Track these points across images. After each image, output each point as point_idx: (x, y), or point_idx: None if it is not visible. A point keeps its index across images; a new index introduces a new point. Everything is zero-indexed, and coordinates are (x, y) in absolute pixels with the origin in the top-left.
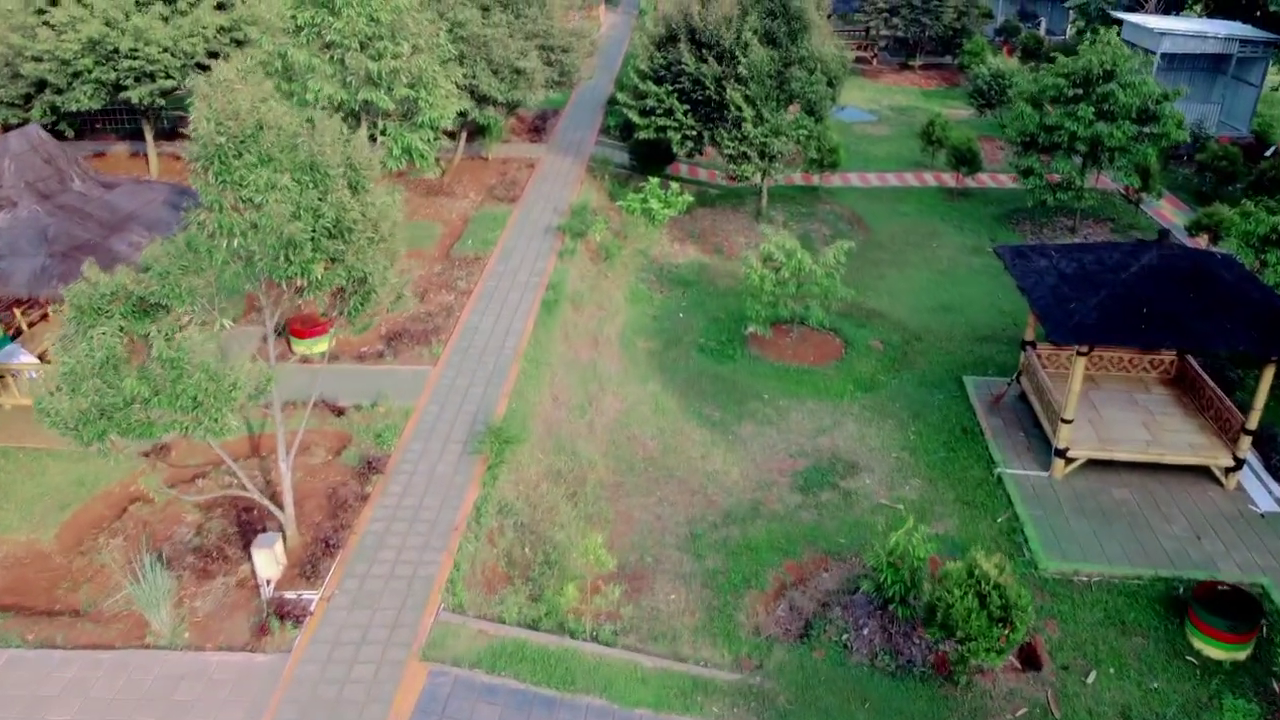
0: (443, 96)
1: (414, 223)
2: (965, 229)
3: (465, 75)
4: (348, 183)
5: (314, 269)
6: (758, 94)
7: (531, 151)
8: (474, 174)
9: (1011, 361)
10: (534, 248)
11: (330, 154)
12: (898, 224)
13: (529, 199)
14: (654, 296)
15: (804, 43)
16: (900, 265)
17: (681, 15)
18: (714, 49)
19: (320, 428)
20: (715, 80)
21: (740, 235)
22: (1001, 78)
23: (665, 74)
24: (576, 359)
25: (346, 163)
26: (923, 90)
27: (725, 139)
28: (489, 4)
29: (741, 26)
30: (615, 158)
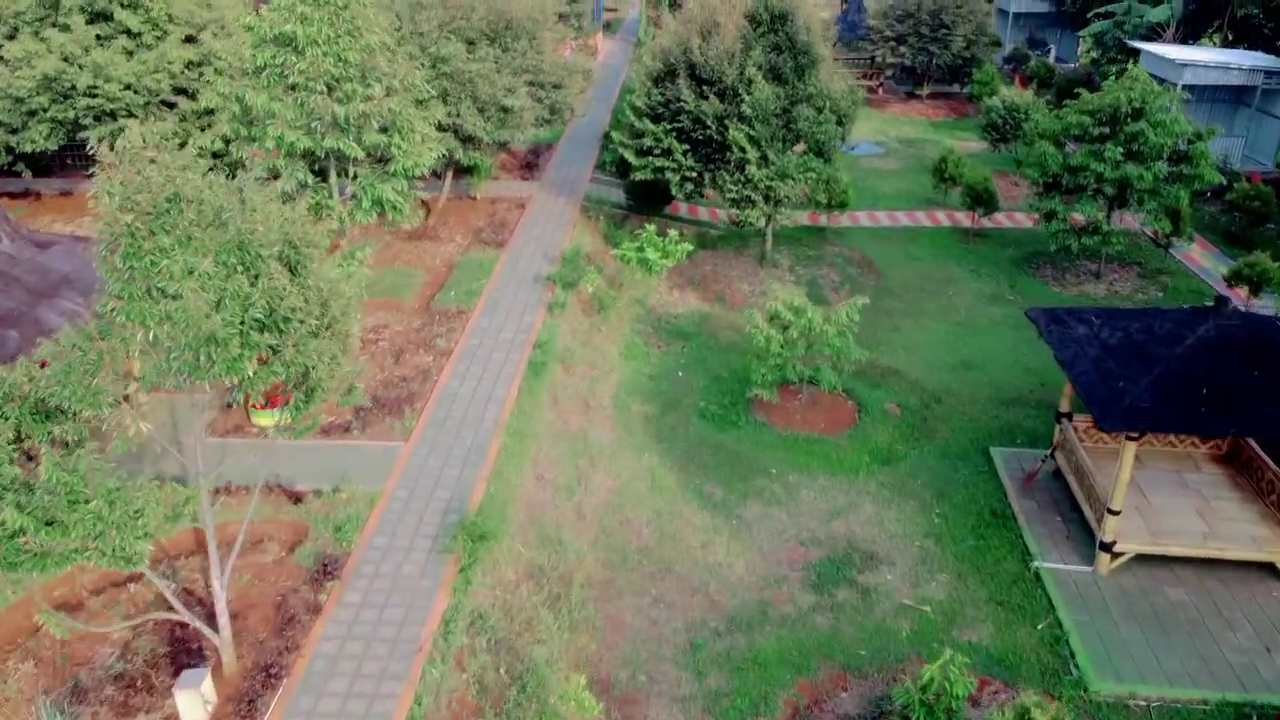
0: (418, 143)
1: (394, 268)
2: (983, 274)
3: (449, 114)
4: (286, 263)
5: (243, 367)
6: (762, 134)
7: (522, 190)
8: (461, 215)
9: (1042, 429)
10: (522, 299)
11: (263, 231)
12: (911, 269)
13: (518, 243)
14: (651, 352)
15: (812, 79)
16: (915, 316)
17: (680, 49)
18: (715, 85)
19: (275, 516)
20: (717, 119)
21: (744, 282)
22: (1016, 111)
23: (663, 111)
24: (565, 428)
25: (284, 240)
26: (931, 121)
27: (727, 181)
28: (475, 38)
29: (745, 62)
30: (611, 196)
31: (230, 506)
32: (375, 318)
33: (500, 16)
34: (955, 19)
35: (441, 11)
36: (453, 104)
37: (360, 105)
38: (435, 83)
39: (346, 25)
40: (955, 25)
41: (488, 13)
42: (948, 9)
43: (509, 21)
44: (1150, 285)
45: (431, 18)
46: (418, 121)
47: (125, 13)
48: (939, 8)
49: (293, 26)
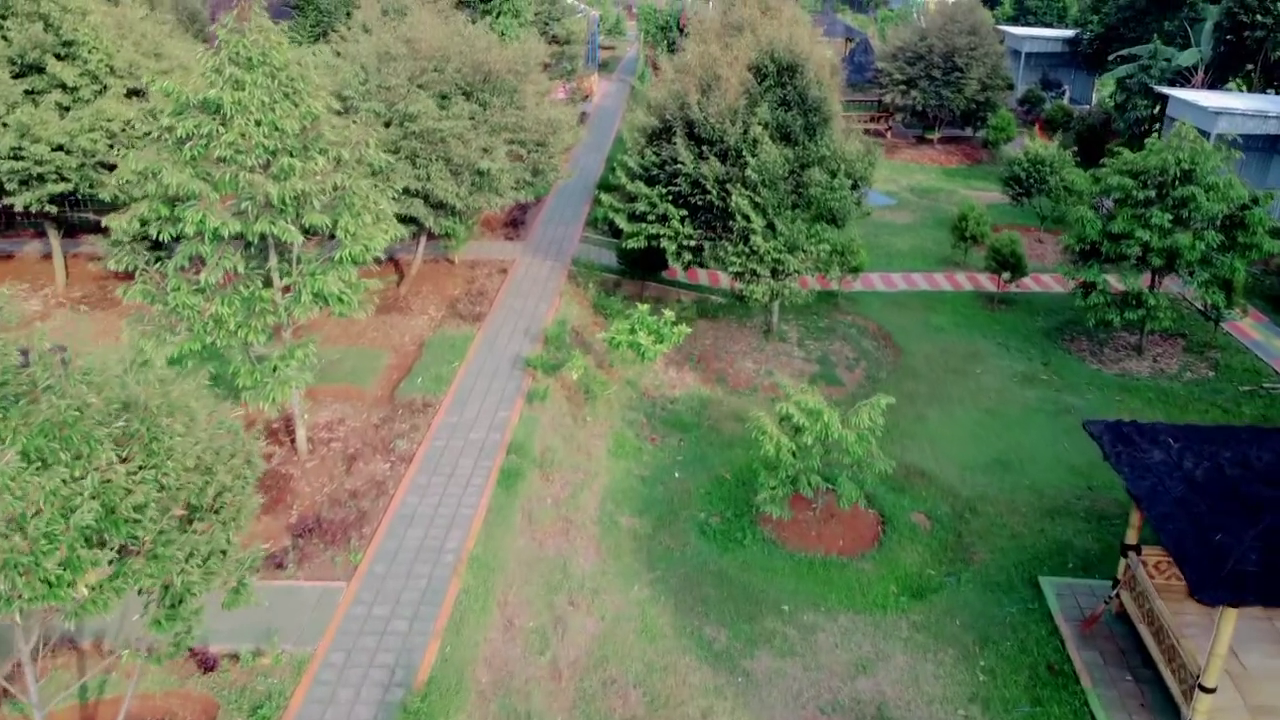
0: (369, 224)
1: (357, 348)
2: (1012, 348)
3: (418, 177)
4: (144, 435)
5: (66, 594)
6: (769, 201)
7: (505, 251)
8: (436, 282)
9: (1096, 550)
10: (497, 388)
11: (98, 403)
12: (932, 342)
13: (497, 317)
14: (644, 447)
15: (824, 139)
16: (941, 401)
17: (677, 104)
18: (716, 145)
19: (182, 688)
20: (718, 183)
21: (748, 358)
22: (1041, 164)
23: (658, 173)
24: (540, 554)
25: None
26: (944, 168)
27: (729, 253)
28: (448, 92)
29: (749, 119)
30: (602, 258)
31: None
32: (330, 411)
33: (477, 69)
34: (969, 61)
35: (411, 64)
36: (422, 166)
37: (298, 182)
38: (403, 143)
39: (284, 89)
40: (969, 68)
41: (463, 64)
42: (960, 51)
43: (487, 74)
44: (1198, 362)
45: (399, 70)
46: (372, 196)
47: (60, 65)
48: (951, 50)
49: (219, 91)
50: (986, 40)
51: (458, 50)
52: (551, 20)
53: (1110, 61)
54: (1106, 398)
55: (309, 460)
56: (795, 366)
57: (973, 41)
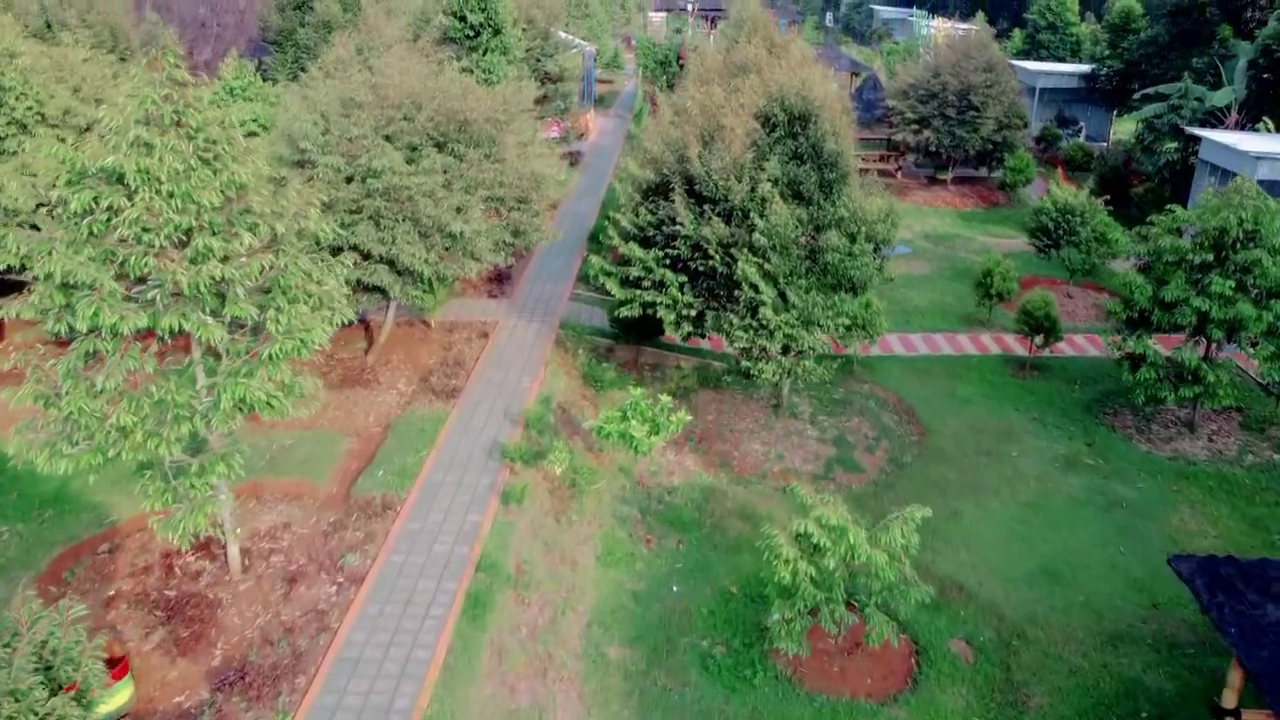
0: (307, 313)
1: (315, 432)
2: (1049, 424)
3: (382, 240)
4: None
5: None
6: (779, 268)
7: (488, 311)
8: (409, 349)
9: (1171, 689)
10: (469, 484)
11: None
12: (960, 417)
13: (475, 392)
14: (637, 551)
15: (842, 198)
16: (975, 492)
17: (675, 157)
18: (720, 204)
19: None
20: (721, 247)
21: (755, 439)
22: (1071, 214)
23: (655, 234)
24: (512, 705)
25: None
26: (959, 212)
27: (735, 326)
28: (419, 143)
29: (757, 175)
30: (594, 319)
31: None
32: (274, 514)
33: (452, 117)
34: (985, 99)
35: (378, 112)
36: (387, 229)
37: (217, 266)
38: (366, 201)
39: (202, 154)
40: (985, 106)
41: (436, 112)
42: (976, 89)
43: (463, 123)
44: (1259, 442)
45: (364, 120)
46: (316, 275)
47: None
48: (966, 87)
49: (120, 158)
50: (1003, 77)
51: (430, 96)
52: (544, 57)
53: (1135, 100)
54: (1162, 487)
55: (242, 581)
56: (809, 448)
57: (989, 79)
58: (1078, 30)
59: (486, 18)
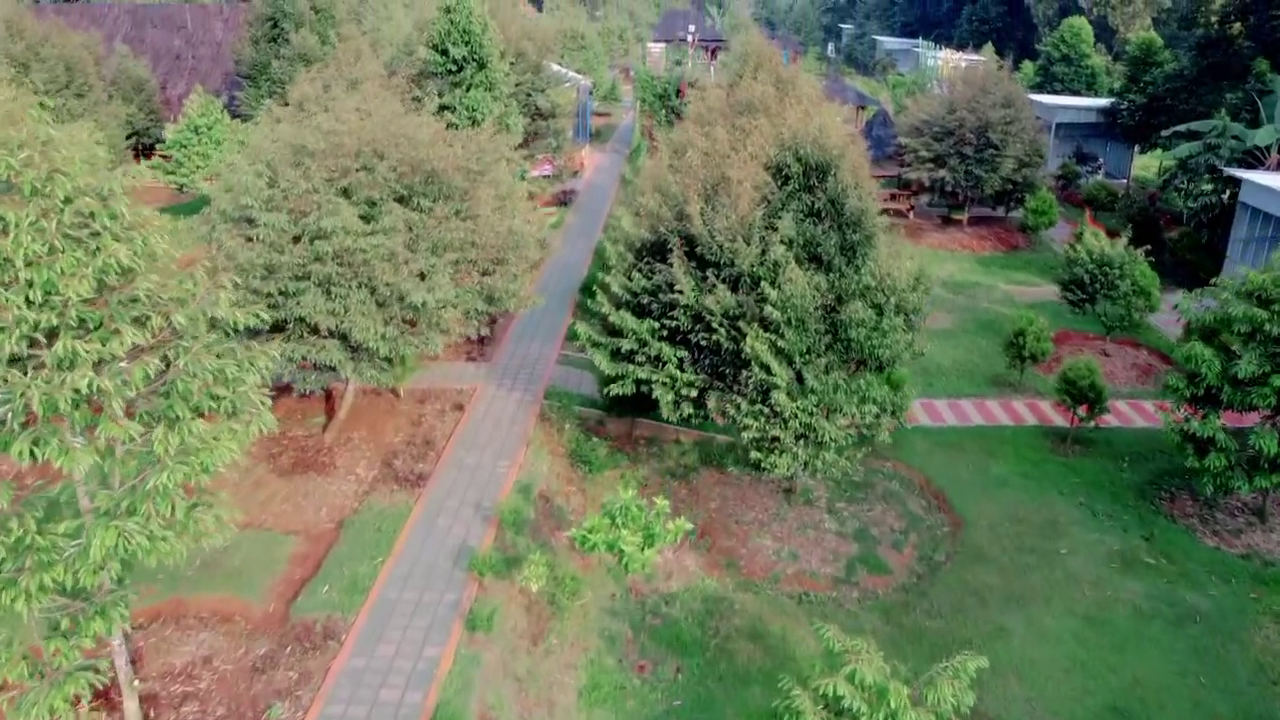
0: (206, 435)
1: (256, 532)
2: (1099, 512)
3: (333, 313)
4: None
5: None
6: (795, 345)
7: (466, 376)
8: (374, 424)
9: None
10: (429, 604)
11: None
12: (996, 503)
13: (444, 479)
14: (628, 684)
15: (867, 262)
16: (1022, 602)
17: (674, 214)
18: (725, 269)
19: None
20: (727, 319)
21: (766, 532)
22: (1109, 266)
23: (651, 302)
24: None
25: None
26: (977, 256)
27: (743, 412)
28: (379, 197)
29: (768, 236)
30: (584, 385)
31: None
32: (193, 645)
33: (418, 167)
34: (1004, 137)
35: (332, 161)
36: (339, 297)
37: (83, 377)
38: (314, 266)
39: (71, 231)
40: (1005, 144)
41: (400, 161)
42: (994, 126)
43: (430, 174)
44: None
45: (315, 171)
46: (230, 372)
47: None
48: (984, 124)
49: None
50: (1023, 113)
51: (394, 144)
52: (535, 91)
53: (1163, 137)
54: (1238, 594)
55: None
56: (827, 544)
57: (1008, 115)
58: (1093, 62)
59: (470, 51)
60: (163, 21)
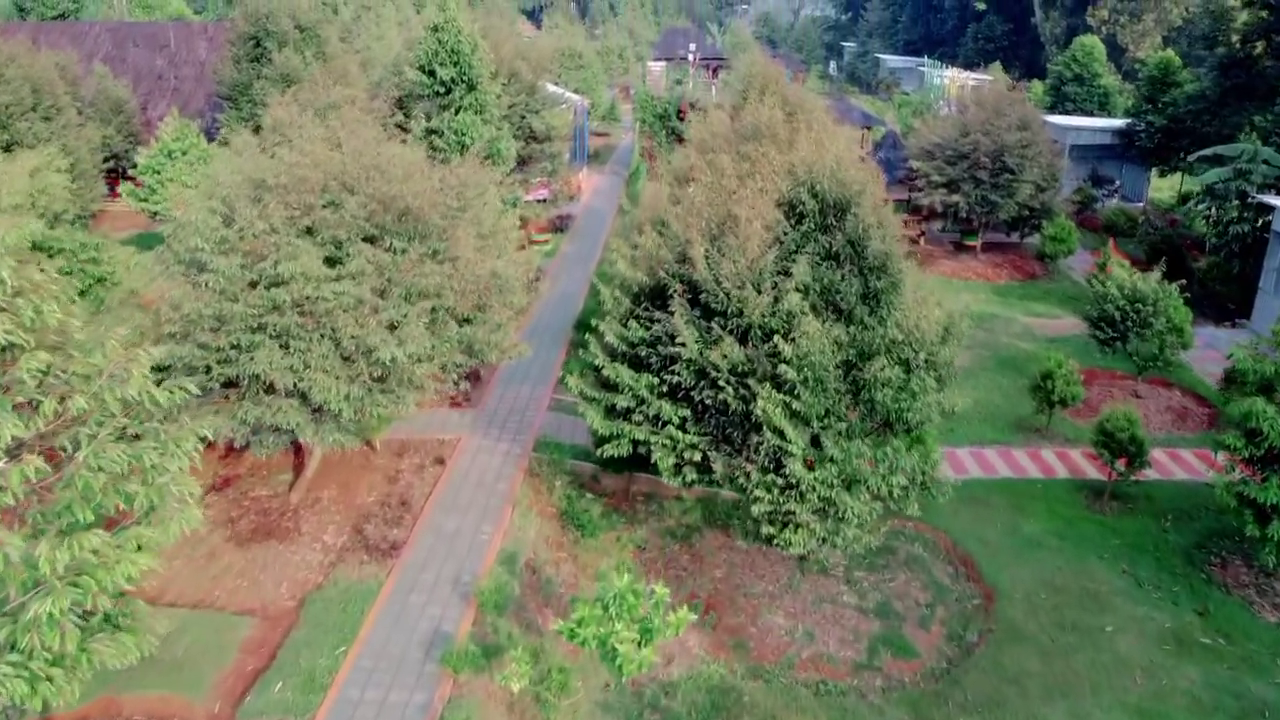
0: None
1: (206, 613)
2: (1144, 581)
3: (292, 369)
4: None
5: None
6: (812, 407)
7: (449, 425)
8: (345, 481)
9: None
10: (395, 706)
11: None
12: (1030, 569)
13: (420, 547)
14: None
15: (892, 313)
16: (1066, 691)
17: (674, 255)
18: (732, 320)
19: None
20: (735, 375)
21: (778, 607)
22: (1142, 303)
23: (649, 354)
24: None
25: None
26: (993, 285)
27: (754, 482)
28: (345, 238)
29: (781, 283)
30: (577, 435)
31: None
32: None
33: (389, 205)
34: (1021, 161)
35: (294, 197)
36: (298, 352)
37: None
38: (269, 318)
39: None
40: (1021, 169)
41: (371, 198)
42: (1011, 149)
43: (404, 212)
44: None
45: (275, 209)
46: (150, 460)
47: None
48: (1000, 148)
49: None
50: (1040, 136)
51: (365, 177)
52: (529, 113)
53: (1189, 161)
54: None
55: None
56: (846, 622)
57: (1024, 138)
58: (1106, 82)
59: (459, 72)
60: (145, 40)
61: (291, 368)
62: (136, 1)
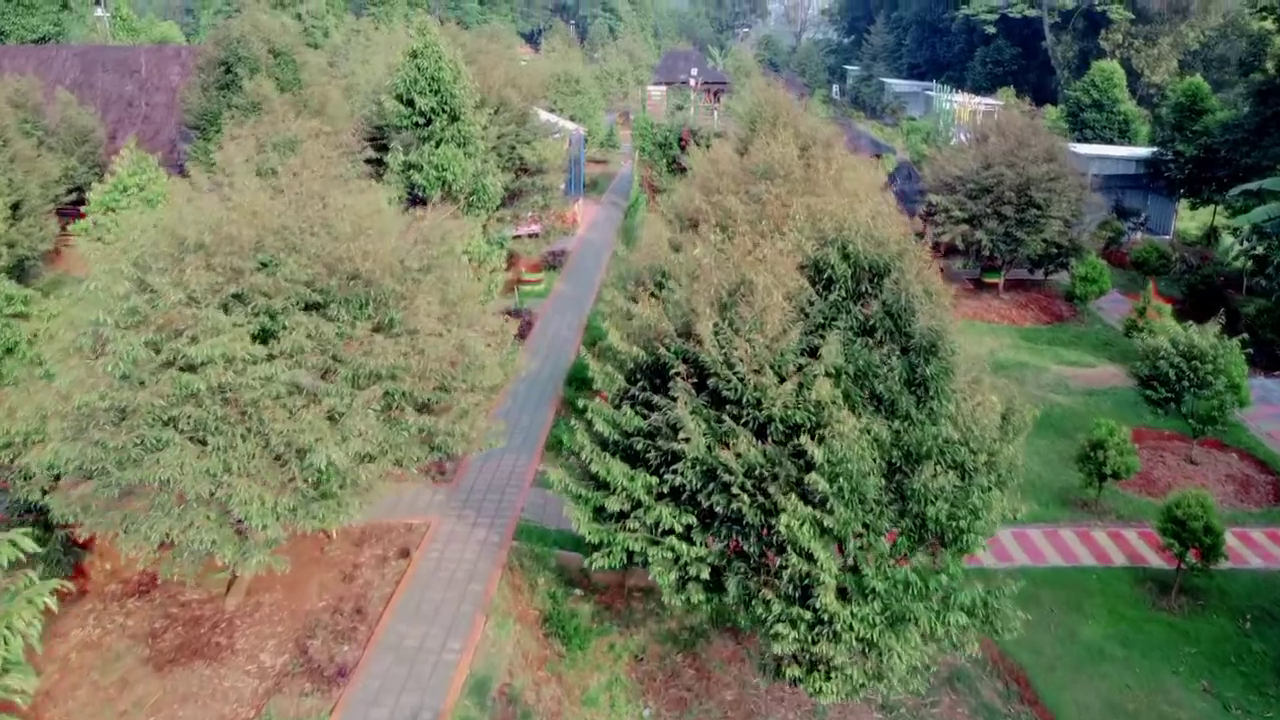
0: None
1: None
2: (1231, 704)
3: (209, 473)
4: None
5: None
6: (848, 524)
7: (417, 505)
8: (293, 580)
9: None
10: None
11: None
12: (1092, 687)
13: (374, 672)
14: None
15: (945, 404)
16: None
17: (677, 326)
18: (748, 410)
19: None
20: (752, 480)
21: None
22: (1201, 360)
23: (646, 447)
24: None
25: None
26: (1018, 329)
27: (776, 613)
28: (281, 308)
29: (808, 366)
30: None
31: None
32: None
33: (336, 266)
34: (1048, 196)
35: (220, 259)
36: (216, 452)
37: None
38: (182, 410)
39: None
40: (1049, 204)
41: (315, 258)
42: (1037, 183)
43: (353, 275)
44: None
45: (194, 275)
46: None
47: None
48: (1025, 181)
49: None
50: (1067, 168)
51: (309, 232)
52: (519, 144)
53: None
54: None
55: None
56: None
57: (1051, 170)
58: (1126, 109)
59: (440, 101)
60: (115, 65)
61: (209, 471)
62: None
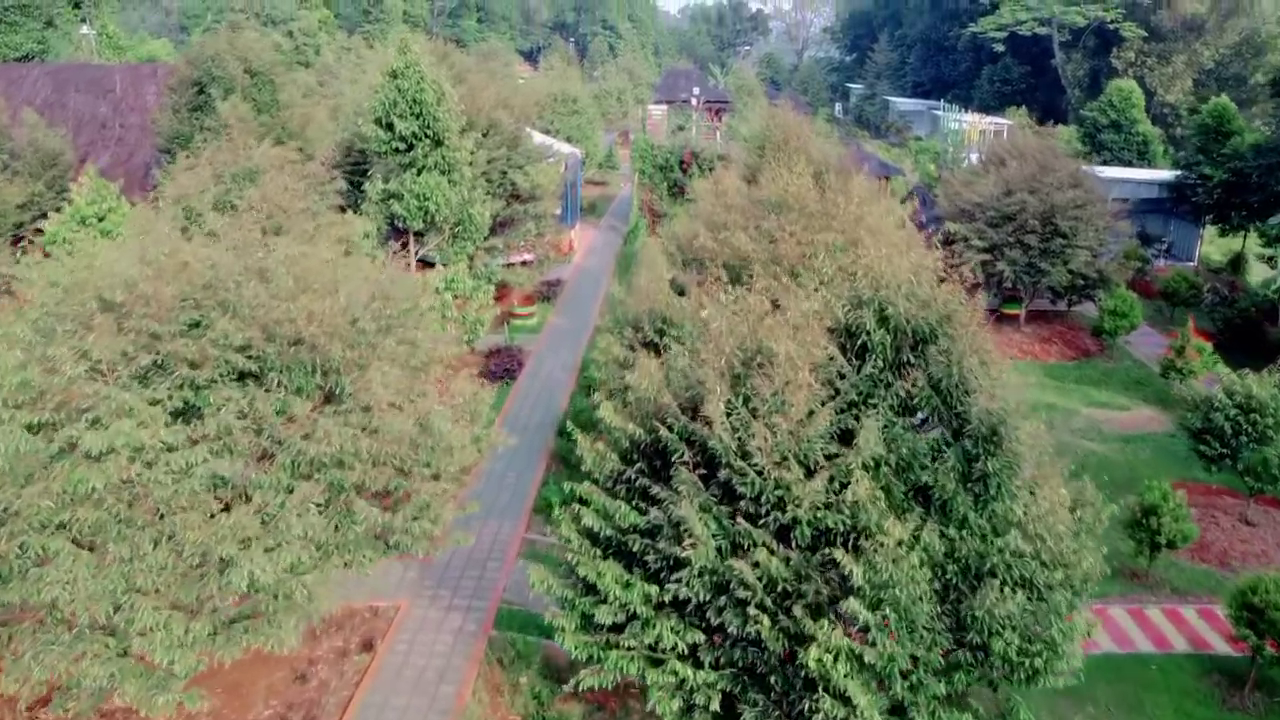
0: None
1: None
2: None
3: (107, 592)
4: None
5: None
6: (891, 659)
7: (386, 586)
8: (236, 684)
9: None
10: None
11: None
12: None
13: None
14: None
15: (1005, 499)
16: None
17: (681, 400)
18: (767, 509)
19: None
20: (772, 598)
21: None
22: (1258, 414)
23: (645, 548)
24: None
25: None
26: (1043, 366)
27: None
28: (208, 380)
29: (841, 457)
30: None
31: None
32: None
33: (275, 330)
34: (1075, 224)
35: (142, 322)
36: (117, 564)
37: None
38: (74, 514)
39: None
40: (1076, 233)
41: (250, 320)
42: (1062, 211)
43: (295, 340)
44: None
45: (100, 341)
46: None
47: None
48: (1049, 209)
49: None
50: (1094, 195)
51: (247, 288)
52: (511, 168)
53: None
54: None
55: None
56: None
57: (1077, 197)
58: (1144, 129)
59: (422, 125)
60: (88, 85)
61: (108, 589)
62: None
